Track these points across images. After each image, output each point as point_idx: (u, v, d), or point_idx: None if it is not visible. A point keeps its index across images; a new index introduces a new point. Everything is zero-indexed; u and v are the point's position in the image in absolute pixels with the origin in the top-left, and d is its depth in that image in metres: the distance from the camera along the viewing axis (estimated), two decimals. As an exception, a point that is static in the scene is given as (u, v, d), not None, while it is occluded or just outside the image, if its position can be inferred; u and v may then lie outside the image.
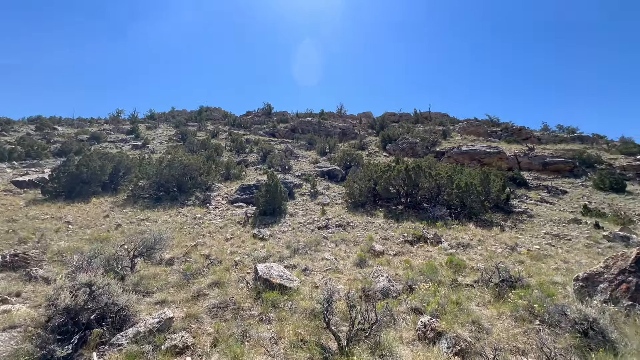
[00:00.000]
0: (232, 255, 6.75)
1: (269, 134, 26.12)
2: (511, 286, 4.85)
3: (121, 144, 20.83)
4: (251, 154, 19.69)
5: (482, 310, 4.29)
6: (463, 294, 4.67)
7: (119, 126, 26.12)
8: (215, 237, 8.04)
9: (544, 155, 17.93)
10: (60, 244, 6.58)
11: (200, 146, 19.41)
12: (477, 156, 17.88)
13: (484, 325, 3.74)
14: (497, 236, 8.31)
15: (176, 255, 6.44)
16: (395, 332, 3.72)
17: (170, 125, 27.98)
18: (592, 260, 6.52)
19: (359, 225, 9.20)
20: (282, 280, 4.94)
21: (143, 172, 11.96)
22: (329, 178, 15.14)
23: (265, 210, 10.16)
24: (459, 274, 5.75)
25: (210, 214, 10.15)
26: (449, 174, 11.45)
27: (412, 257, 6.74)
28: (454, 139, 22.42)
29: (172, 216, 9.68)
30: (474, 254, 6.97)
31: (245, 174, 15.53)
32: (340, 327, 3.78)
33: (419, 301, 4.41)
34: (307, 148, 21.67)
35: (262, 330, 3.73)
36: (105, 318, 3.52)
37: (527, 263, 6.38)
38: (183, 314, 4.09)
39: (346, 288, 5.03)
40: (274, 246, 7.39)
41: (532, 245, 7.61)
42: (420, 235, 8.06)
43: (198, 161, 13.53)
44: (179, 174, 12.24)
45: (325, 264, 6.38)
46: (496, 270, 5.19)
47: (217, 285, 5.05)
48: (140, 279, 5.07)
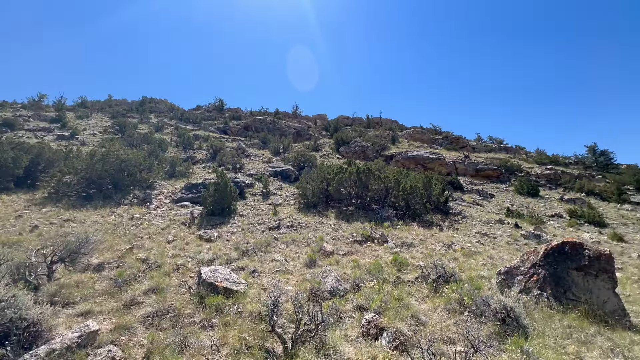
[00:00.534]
0: (174, 258, 6.29)
1: (221, 130, 25.00)
2: (446, 281, 5.28)
3: (43, 134, 18.12)
4: (200, 150, 18.62)
5: (421, 304, 4.60)
6: (405, 290, 4.96)
7: (41, 113, 22.70)
8: (156, 239, 7.42)
9: (477, 162, 20.01)
10: (-48, 250, 5.46)
11: (141, 140, 17.79)
12: (421, 161, 19.25)
13: (422, 319, 4.02)
14: (437, 235, 9.03)
15: (107, 260, 5.78)
16: (341, 331, 3.79)
17: (106, 116, 25.18)
18: (512, 256, 7.43)
19: (310, 226, 9.25)
20: (227, 283, 4.73)
21: (70, 167, 10.55)
22: (282, 178, 14.99)
23: (213, 211, 9.67)
24: (402, 271, 6.10)
25: (150, 214, 9.34)
26: (397, 177, 12.13)
27: (360, 257, 6.97)
28: (401, 145, 23.87)
29: (105, 216, 8.69)
30: (416, 252, 7.47)
31: (192, 171, 14.62)
32: (287, 329, 3.74)
33: (364, 299, 4.57)
34: (260, 147, 21.20)
35: (204, 337, 3.52)
36: (9, 336, 3.00)
37: (460, 260, 7.03)
38: (112, 326, 3.68)
39: (295, 289, 5.01)
40: (222, 248, 7.07)
41: (465, 244, 8.41)
42: (368, 235, 8.38)
43: (138, 156, 12.37)
44: (115, 169, 11.05)
45: (274, 266, 6.28)
46: (434, 267, 5.61)
47: (154, 291, 4.64)
48: (59, 288, 4.44)
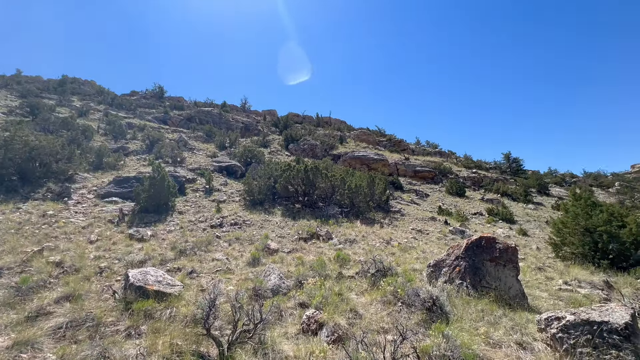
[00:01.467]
0: (96, 260, 5.61)
1: (160, 120, 22.97)
2: (383, 275, 5.63)
3: None
4: (134, 141, 16.86)
5: (360, 298, 4.83)
6: (345, 285, 5.15)
7: None
8: (74, 239, 6.53)
9: (415, 164, 21.69)
10: None
11: (60, 125, 15.40)
12: (366, 161, 20.18)
13: (359, 312, 4.22)
14: (378, 232, 9.56)
15: (7, 265, 4.90)
16: (281, 329, 3.79)
17: (13, 94, 21.24)
18: (441, 250, 8.23)
19: (256, 224, 9.05)
20: (160, 286, 4.38)
21: (-43, 153, 8.66)
22: (227, 174, 14.37)
23: (147, 207, 8.86)
24: (344, 267, 6.33)
25: (69, 211, 8.16)
26: (343, 176, 12.53)
27: (305, 254, 7.04)
28: (349, 145, 24.71)
29: (6, 213, 7.34)
30: (358, 248, 7.81)
31: (124, 163, 13.17)
32: (225, 330, 3.61)
33: (306, 296, 4.63)
34: (204, 140, 20.02)
35: (128, 347, 3.20)
36: None
37: (397, 254, 7.56)
38: (10, 342, 3.13)
39: (236, 289, 4.86)
40: (156, 248, 6.51)
41: (402, 239, 9.06)
42: (314, 233, 8.51)
43: (55, 144, 10.70)
44: (22, 158, 9.39)
45: (215, 265, 6.01)
46: (373, 262, 5.93)
47: (69, 299, 4.08)
48: None
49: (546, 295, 5.53)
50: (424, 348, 3.12)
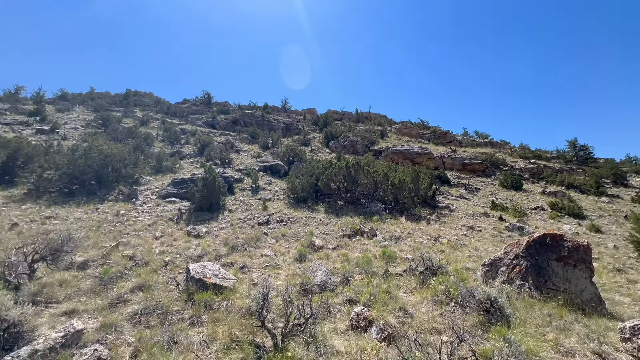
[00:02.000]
0: (161, 255, 6.20)
1: (208, 125, 24.57)
2: (433, 273, 5.40)
3: (21, 127, 17.38)
4: (187, 145, 18.28)
5: (409, 297, 4.69)
6: (393, 283, 5.05)
7: (18, 106, 21.73)
8: (142, 235, 7.29)
9: (463, 157, 20.37)
10: None
11: (126, 134, 17.31)
12: (409, 156, 19.47)
13: (409, 311, 4.10)
14: (424, 229, 9.19)
15: (91, 258, 5.65)
16: (330, 324, 3.84)
17: (89, 109, 24.33)
18: (496, 248, 7.65)
19: (300, 221, 9.27)
20: (217, 279, 4.71)
21: (50, 162, 10.20)
22: (271, 173, 14.91)
23: (201, 206, 9.56)
24: (390, 264, 6.20)
25: (137, 210, 9.15)
26: (385, 171, 12.24)
27: (350, 251, 7.04)
28: (390, 139, 24.05)
29: (89, 213, 8.47)
30: (404, 246, 7.59)
31: (179, 166, 14.36)
32: (277, 323, 3.76)
33: (353, 292, 4.63)
34: (249, 142, 20.98)
35: (193, 334, 3.50)
36: (-12, 338, 2.91)
37: (447, 252, 7.19)
38: (97, 325, 3.61)
39: (284, 284, 5.03)
40: (210, 244, 7.01)
41: (452, 236, 8.60)
42: (358, 229, 8.46)
43: (123, 151, 12.06)
44: (98, 165, 10.74)
45: (264, 261, 6.28)
46: (421, 260, 5.72)
47: (141, 289, 4.57)
48: (41, 287, 4.32)
49: (629, 301, 4.85)
50: (484, 352, 2.93)
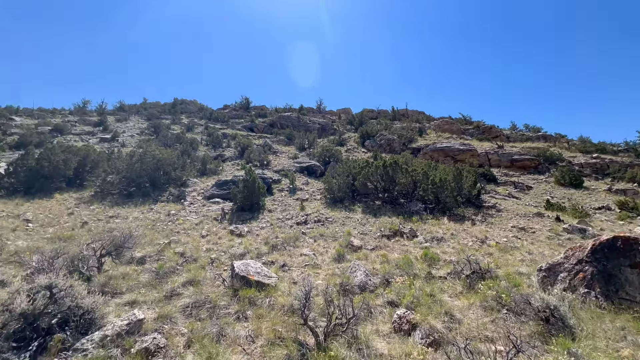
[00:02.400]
0: (208, 252, 6.58)
1: (247, 128, 25.60)
2: (481, 277, 5.07)
3: (88, 137, 19.60)
4: (228, 148, 19.22)
5: (454, 301, 4.46)
6: (437, 286, 4.83)
7: (85, 118, 24.53)
8: (191, 234, 7.80)
9: (511, 152, 18.88)
10: (17, 244, 6.10)
11: (174, 140, 18.69)
12: (450, 153, 18.52)
13: (456, 316, 3.89)
14: (469, 230, 8.67)
15: (148, 254, 6.18)
16: (372, 326, 3.78)
17: (142, 118, 26.67)
18: (553, 252, 6.97)
19: (337, 221, 9.26)
20: (259, 277, 4.88)
21: (112, 167, 11.34)
22: (308, 174, 15.11)
23: (242, 206, 9.98)
24: (433, 266, 5.94)
25: (185, 210, 9.82)
26: (425, 170, 11.78)
27: (389, 251, 6.88)
28: (429, 136, 23.08)
29: (144, 213, 9.27)
30: (447, 247, 7.23)
31: (222, 169, 15.14)
32: (318, 322, 3.80)
33: (395, 294, 4.52)
34: (286, 143, 21.47)
35: (239, 328, 3.67)
36: (68, 322, 3.31)
37: (495, 255, 6.71)
38: (155, 315, 3.93)
39: (324, 283, 5.06)
40: (252, 243, 7.28)
41: (500, 238, 8.01)
42: (397, 230, 8.24)
43: (172, 155, 13.02)
44: (151, 168, 11.72)
45: (303, 260, 6.38)
46: (467, 263, 5.40)
47: (192, 283, 4.90)
48: (108, 279, 4.82)
49: None
50: (544, 365, 2.68)
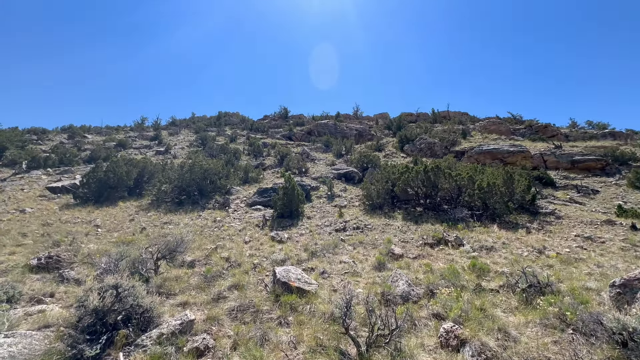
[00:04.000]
0: (250, 257, 6.84)
1: (286, 137, 26.37)
2: (540, 292, 4.61)
3: (145, 150, 21.69)
4: (268, 157, 19.95)
5: (509, 317, 4.09)
6: (488, 300, 4.48)
7: (143, 133, 27.22)
8: (235, 239, 8.17)
9: (572, 152, 17.03)
10: (89, 247, 6.91)
11: (219, 151, 19.89)
12: (499, 155, 17.23)
13: (511, 333, 3.57)
14: (523, 239, 7.96)
15: (197, 258, 6.59)
16: (416, 339, 3.61)
17: (191, 131, 28.86)
18: (629, 265, 6.10)
19: (377, 228, 9.08)
20: (300, 283, 4.94)
21: (166, 177, 12.39)
22: (345, 180, 15.07)
23: (282, 213, 10.24)
24: (482, 278, 5.54)
25: (229, 217, 10.35)
26: (470, 174, 11.09)
27: (433, 261, 6.56)
28: (474, 138, 21.75)
29: (193, 219, 9.94)
30: (498, 258, 6.70)
31: (263, 177, 15.74)
32: (359, 332, 3.73)
33: (440, 306, 4.28)
34: (323, 150, 21.70)
35: (281, 333, 3.74)
36: (130, 319, 3.65)
37: (556, 267, 6.05)
38: (204, 316, 4.17)
39: (365, 292, 4.97)
40: (292, 249, 7.42)
41: (562, 248, 7.22)
42: (440, 238, 7.84)
43: (217, 165, 13.85)
44: (199, 178, 12.58)
45: (343, 267, 6.33)
46: (523, 275, 4.94)
47: (236, 287, 5.12)
48: (163, 281, 5.23)
49: None
50: (622, 396, 2.34)
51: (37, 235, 7.61)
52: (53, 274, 5.40)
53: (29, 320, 3.86)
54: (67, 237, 7.54)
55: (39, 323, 3.77)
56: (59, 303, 4.49)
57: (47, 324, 3.77)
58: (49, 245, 6.98)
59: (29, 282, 5.07)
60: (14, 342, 3.15)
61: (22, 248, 6.71)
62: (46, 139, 23.76)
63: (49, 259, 5.73)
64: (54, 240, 7.19)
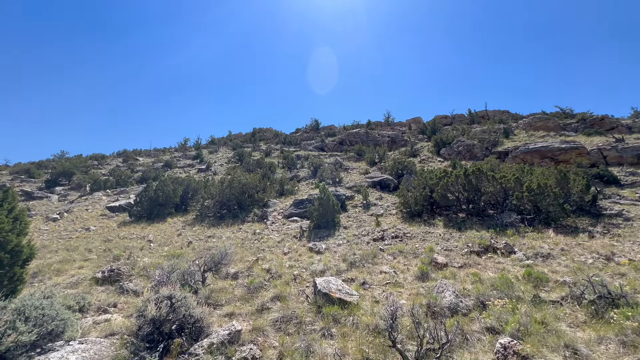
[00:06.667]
0: (290, 269, 6.93)
1: (318, 148, 26.71)
2: (612, 304, 4.09)
3: (189, 169, 23.23)
4: (302, 169, 20.30)
5: (577, 332, 3.68)
6: (549, 313, 4.08)
7: (186, 153, 29.23)
8: (274, 251, 8.35)
9: (637, 145, 15.16)
10: (144, 260, 7.48)
11: (255, 165, 20.67)
12: (549, 153, 15.87)
13: (581, 351, 3.19)
14: (586, 244, 7.17)
15: (240, 270, 6.83)
16: (469, 354, 3.38)
17: (229, 148, 30.41)
18: None
19: (416, 236, 8.75)
20: (341, 294, 4.90)
21: (208, 193, 13.12)
22: (380, 188, 14.80)
23: (319, 224, 10.29)
24: (540, 288, 5.06)
25: (268, 229, 10.63)
26: (517, 175, 10.33)
27: (481, 270, 6.15)
28: (518, 137, 20.31)
29: (235, 232, 10.36)
30: (557, 266, 6.10)
31: (298, 189, 16.01)
32: (406, 345, 3.58)
33: (494, 319, 3.97)
34: (356, 159, 21.60)
35: (325, 345, 3.71)
36: (183, 329, 3.86)
37: (630, 276, 5.35)
38: (250, 327, 4.29)
39: (409, 303, 4.78)
40: (330, 259, 7.40)
41: (635, 254, 6.38)
42: (487, 245, 7.34)
43: (255, 179, 14.38)
44: (238, 192, 13.14)
45: (384, 278, 6.16)
46: (589, 285, 4.44)
47: (278, 298, 5.20)
48: (210, 292, 5.48)
49: None
50: None
51: (100, 251, 8.43)
52: (115, 286, 5.91)
53: (97, 328, 4.26)
54: (125, 251, 8.25)
55: (105, 331, 4.14)
56: (121, 313, 4.89)
57: (112, 331, 4.12)
58: (110, 259, 7.68)
59: (95, 293, 5.61)
60: (87, 348, 3.48)
61: (89, 262, 7.46)
62: (105, 163, 26.49)
63: (111, 272, 6.30)
64: (114, 255, 7.90)
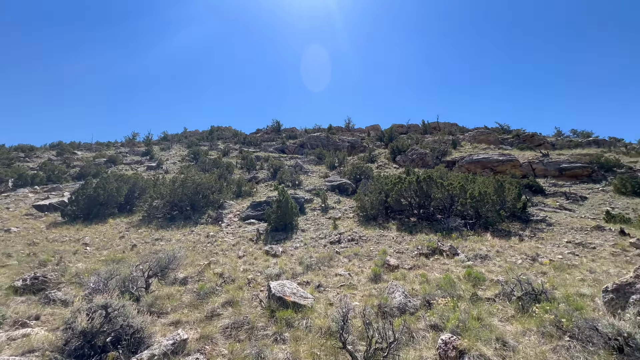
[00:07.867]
0: (245, 272, 6.72)
1: (279, 150, 26.45)
2: (535, 299, 4.62)
3: (136, 166, 21.44)
4: (262, 170, 19.91)
5: (506, 326, 4.08)
6: (484, 309, 4.47)
7: (135, 148, 26.98)
8: (228, 254, 8.04)
9: (559, 160, 17.47)
10: (78, 266, 6.70)
11: (212, 165, 19.78)
12: (489, 164, 17.57)
13: (509, 343, 3.55)
14: (516, 246, 8.02)
15: (190, 275, 6.45)
16: (415, 351, 3.57)
17: (183, 146, 28.72)
18: (620, 270, 6.19)
19: (371, 239, 9.06)
20: (295, 297, 4.86)
21: (157, 193, 12.22)
22: (339, 192, 15.09)
23: (276, 227, 10.15)
24: (478, 287, 5.54)
25: (222, 232, 10.21)
26: (462, 183, 11.24)
27: (429, 271, 6.55)
28: (464, 148, 22.17)
29: (186, 235, 9.77)
30: (492, 266, 6.72)
31: (256, 190, 15.65)
32: (357, 346, 3.66)
33: (438, 317, 4.25)
34: (316, 163, 21.79)
35: (277, 350, 3.64)
36: (120, 341, 3.52)
37: (550, 274, 6.10)
38: (197, 335, 4.05)
39: (361, 305, 4.91)
40: (287, 263, 7.33)
41: (554, 255, 7.29)
42: (435, 248, 7.85)
43: (210, 180, 13.75)
44: (192, 193, 12.44)
45: (339, 280, 6.26)
46: (518, 283, 4.97)
47: (230, 304, 5.00)
48: (154, 299, 5.08)
49: None
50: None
51: (22, 256, 7.36)
52: (39, 296, 5.19)
53: (12, 345, 3.69)
54: (54, 256, 7.31)
55: (22, 348, 3.60)
56: (44, 326, 4.31)
57: (32, 348, 3.60)
58: (34, 265, 6.75)
59: (12, 304, 4.86)
60: (-4, 369, 3.00)
61: (6, 269, 6.47)
62: (34, 156, 23.33)
63: (35, 279, 5.53)
64: (40, 260, 6.96)
